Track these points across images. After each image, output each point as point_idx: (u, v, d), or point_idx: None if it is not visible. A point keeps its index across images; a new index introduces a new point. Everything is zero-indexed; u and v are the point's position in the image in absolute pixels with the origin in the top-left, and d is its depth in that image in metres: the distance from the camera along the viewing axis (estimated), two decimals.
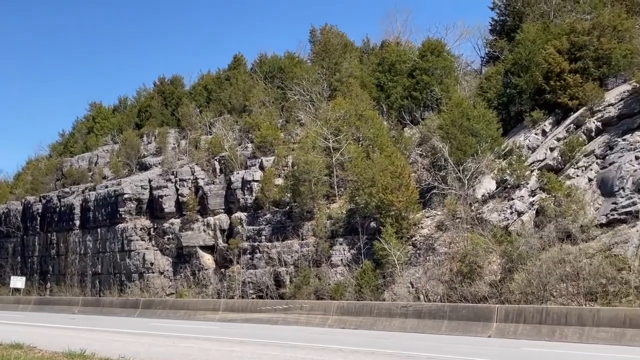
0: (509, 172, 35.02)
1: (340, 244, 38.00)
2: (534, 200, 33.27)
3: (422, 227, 36.31)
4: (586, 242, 29.35)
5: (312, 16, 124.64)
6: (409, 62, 48.10)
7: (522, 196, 34.01)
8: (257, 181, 44.74)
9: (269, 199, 42.92)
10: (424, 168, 41.32)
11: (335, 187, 41.44)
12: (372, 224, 36.72)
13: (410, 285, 33.17)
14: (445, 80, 45.35)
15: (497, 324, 23.35)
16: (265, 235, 42.20)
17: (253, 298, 40.02)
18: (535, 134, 37.56)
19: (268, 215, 43.09)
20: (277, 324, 32.31)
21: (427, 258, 33.99)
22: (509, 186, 35.00)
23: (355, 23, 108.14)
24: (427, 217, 36.80)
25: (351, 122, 42.71)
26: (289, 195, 42.42)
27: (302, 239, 40.09)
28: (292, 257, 39.82)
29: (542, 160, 35.64)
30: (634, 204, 29.60)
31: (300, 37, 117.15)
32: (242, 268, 42.00)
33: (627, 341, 19.63)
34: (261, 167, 45.88)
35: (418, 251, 34.78)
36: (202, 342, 21.66)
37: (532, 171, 34.98)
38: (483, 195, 35.90)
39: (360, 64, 53.94)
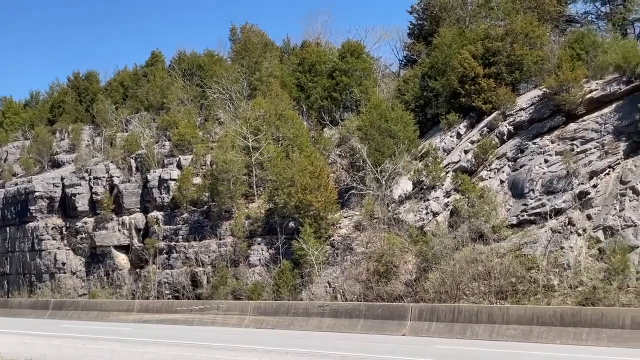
0: (425, 173, 35.65)
1: (259, 244, 37.82)
2: (448, 201, 34.02)
3: (340, 227, 36.55)
4: (497, 242, 30.24)
5: (233, 14, 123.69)
6: (329, 63, 48.31)
7: (438, 197, 34.73)
8: (174, 180, 44.03)
9: (186, 198, 42.32)
10: (342, 168, 41.59)
11: (254, 186, 41.21)
12: (291, 224, 36.70)
13: (327, 284, 33.35)
14: (365, 82, 45.77)
15: (412, 322, 23.75)
16: (182, 235, 41.60)
17: (169, 299, 39.38)
18: (451, 137, 38.39)
19: (185, 215, 42.48)
20: (192, 325, 31.89)
21: (345, 258, 34.24)
22: (424, 187, 35.65)
23: (276, 23, 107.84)
24: (345, 217, 37.07)
25: (271, 122, 42.57)
26: (207, 194, 41.93)
27: (220, 239, 39.69)
28: (209, 257, 39.38)
29: (456, 162, 36.46)
30: (543, 205, 30.70)
31: (220, 35, 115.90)
32: (158, 268, 41.26)
33: (535, 338, 20.32)
34: (179, 166, 45.20)
35: (336, 251, 34.98)
36: (114, 344, 21.16)
37: (447, 173, 35.72)
38: (400, 196, 36.43)
39: (280, 64, 53.83)
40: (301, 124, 43.85)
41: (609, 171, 30.28)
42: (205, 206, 42.01)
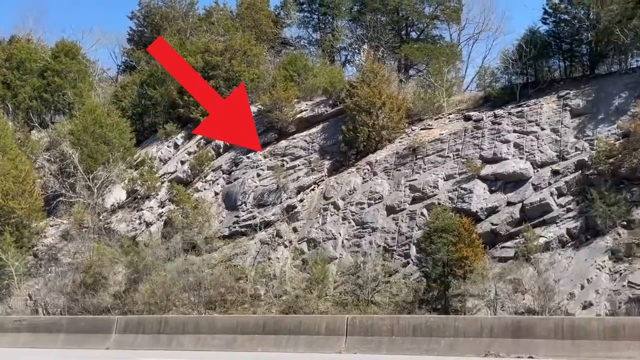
0: (140, 182, 35.31)
1: None
2: (162, 212, 33.98)
3: (45, 236, 34.56)
4: (209, 253, 30.80)
5: None
6: (41, 62, 45.33)
7: (152, 207, 34.51)
8: None
9: None
10: (51, 174, 39.27)
11: None
12: None
13: (28, 297, 31.27)
14: (79, 85, 43.69)
15: (117, 335, 23.09)
16: None
17: None
18: (168, 147, 38.33)
19: None
20: None
21: (49, 269, 32.46)
22: (139, 197, 35.26)
23: None
24: (52, 226, 35.15)
25: None
26: None
27: None
28: None
29: (172, 173, 36.55)
30: (254, 217, 31.91)
31: None
32: None
33: (238, 347, 20.88)
34: None
35: (39, 262, 33.06)
36: None
37: (162, 183, 35.68)
38: (112, 205, 35.52)
39: None
40: (6, 124, 40.37)
41: (314, 187, 32.43)
42: None
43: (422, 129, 32.89)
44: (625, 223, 24.96)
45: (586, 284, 23.87)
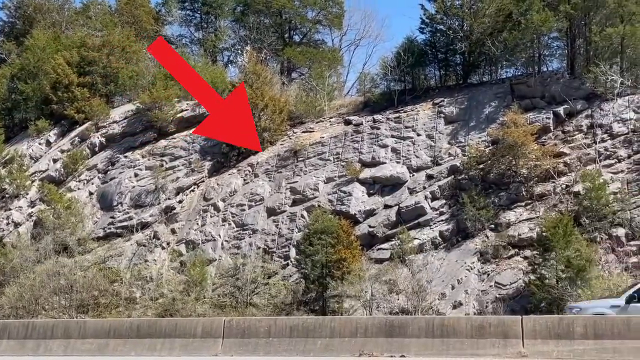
0: (8, 181, 34.08)
1: None
2: (33, 212, 32.83)
3: None
4: (83, 254, 29.88)
5: None
6: None
7: (21, 207, 33.38)
8: None
9: None
10: None
11: None
12: None
13: None
14: None
15: None
16: None
17: None
18: (39, 144, 36.85)
19: None
20: None
21: None
22: (7, 196, 33.99)
23: None
24: None
25: None
26: None
27: None
28: None
29: (44, 171, 35.30)
30: (131, 218, 31.20)
31: None
32: None
33: (110, 351, 20.21)
34: None
35: None
36: None
37: (33, 181, 34.41)
38: None
39: None
40: None
41: (194, 188, 32.06)
42: None
43: (303, 132, 33.21)
44: (493, 226, 26.26)
45: (456, 285, 24.93)
